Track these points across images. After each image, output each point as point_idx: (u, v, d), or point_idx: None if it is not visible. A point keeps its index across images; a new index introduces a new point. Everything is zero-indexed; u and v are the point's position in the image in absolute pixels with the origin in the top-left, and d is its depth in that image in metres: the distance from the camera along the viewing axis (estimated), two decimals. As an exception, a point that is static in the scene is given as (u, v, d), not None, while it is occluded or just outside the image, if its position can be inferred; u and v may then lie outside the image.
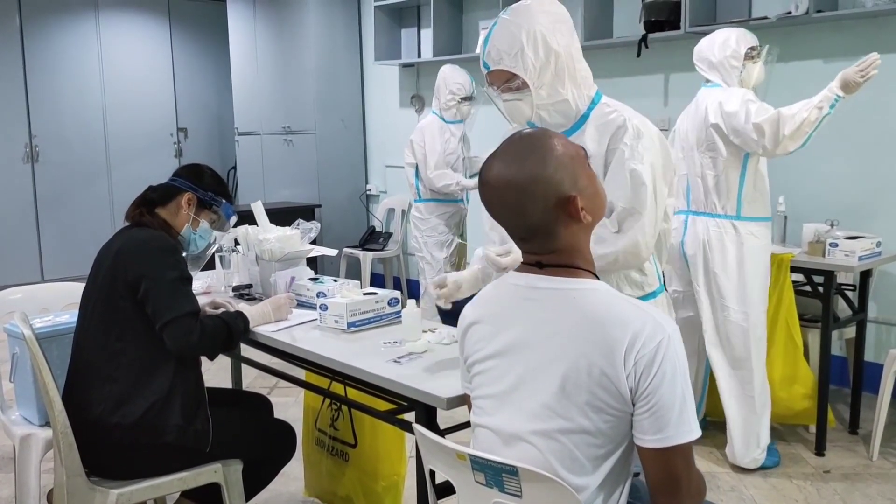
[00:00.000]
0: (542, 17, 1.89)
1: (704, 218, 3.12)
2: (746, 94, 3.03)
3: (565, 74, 1.92)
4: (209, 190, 2.43)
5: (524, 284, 1.44)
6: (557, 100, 1.93)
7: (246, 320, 2.33)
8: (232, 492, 2.26)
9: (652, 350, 1.30)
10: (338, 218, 6.47)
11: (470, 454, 1.38)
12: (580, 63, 1.97)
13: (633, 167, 1.88)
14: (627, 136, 1.90)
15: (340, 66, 6.43)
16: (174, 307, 2.13)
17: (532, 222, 1.39)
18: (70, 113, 6.98)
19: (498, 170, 1.42)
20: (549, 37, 1.88)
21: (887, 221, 3.72)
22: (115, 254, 2.22)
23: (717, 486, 3.03)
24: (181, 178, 2.42)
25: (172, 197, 2.38)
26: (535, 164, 1.39)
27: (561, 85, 1.91)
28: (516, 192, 1.39)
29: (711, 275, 3.10)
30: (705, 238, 3.11)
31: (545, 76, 1.89)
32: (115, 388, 2.13)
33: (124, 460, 2.15)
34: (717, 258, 3.09)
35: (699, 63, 3.16)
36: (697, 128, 3.10)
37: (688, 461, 1.35)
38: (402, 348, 2.13)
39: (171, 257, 2.22)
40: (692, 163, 3.13)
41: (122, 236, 2.29)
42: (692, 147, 3.13)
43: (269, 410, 2.62)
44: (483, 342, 1.48)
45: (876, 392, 3.22)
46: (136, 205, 2.37)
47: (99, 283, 2.23)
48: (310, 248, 2.83)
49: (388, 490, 2.62)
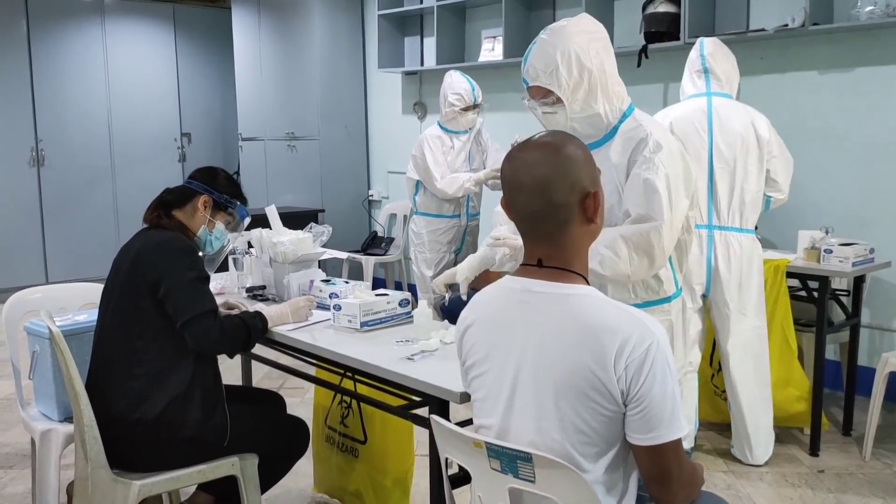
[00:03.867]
0: (577, 38, 2.05)
1: (736, 234, 3.13)
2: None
3: (598, 90, 2.06)
4: (224, 192, 2.50)
5: (520, 288, 1.51)
6: (590, 113, 2.09)
7: (264, 320, 2.40)
8: (248, 485, 2.33)
9: (641, 354, 1.36)
10: (340, 223, 6.51)
11: (487, 441, 1.46)
12: (613, 78, 2.11)
13: (647, 177, 2.04)
14: (647, 149, 2.05)
15: (344, 73, 6.52)
16: (194, 306, 2.20)
17: (555, 200, 1.44)
18: (75, 117, 7.04)
19: (534, 147, 1.50)
20: (582, 56, 2.03)
21: (880, 229, 3.82)
22: (135, 255, 2.28)
23: (714, 485, 3.11)
24: (196, 181, 2.48)
25: (188, 199, 2.45)
26: (574, 149, 1.48)
27: (594, 100, 2.07)
28: (551, 167, 1.45)
29: (741, 289, 3.14)
30: (738, 254, 3.12)
31: (578, 93, 2.06)
32: (136, 385, 2.19)
33: (145, 455, 2.22)
34: (745, 273, 3.13)
35: (716, 64, 3.16)
36: (742, 142, 3.08)
37: (678, 454, 1.43)
38: (415, 346, 2.21)
39: (189, 257, 2.28)
40: (725, 175, 3.10)
41: (140, 238, 2.36)
42: (729, 160, 3.09)
43: (282, 407, 2.70)
44: (479, 345, 1.55)
45: (869, 395, 3.31)
46: (153, 207, 2.43)
47: (119, 284, 2.29)
48: (322, 251, 2.91)
49: (396, 485, 2.70)
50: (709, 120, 3.12)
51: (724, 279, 3.14)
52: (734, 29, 4.21)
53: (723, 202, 3.13)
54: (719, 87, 3.18)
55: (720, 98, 3.16)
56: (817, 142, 4.08)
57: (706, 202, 3.15)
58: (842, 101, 3.98)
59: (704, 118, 3.13)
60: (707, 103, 3.15)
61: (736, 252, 3.12)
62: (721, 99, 3.16)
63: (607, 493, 1.46)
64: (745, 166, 3.09)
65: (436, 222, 4.36)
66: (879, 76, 3.87)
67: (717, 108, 3.13)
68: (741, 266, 3.13)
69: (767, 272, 3.30)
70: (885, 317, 3.98)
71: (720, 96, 3.16)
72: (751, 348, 3.19)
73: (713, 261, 3.14)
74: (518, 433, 1.48)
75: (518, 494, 1.47)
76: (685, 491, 1.49)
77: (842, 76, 3.98)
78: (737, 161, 3.09)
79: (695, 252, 3.12)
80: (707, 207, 3.15)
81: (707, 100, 3.17)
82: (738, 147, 3.08)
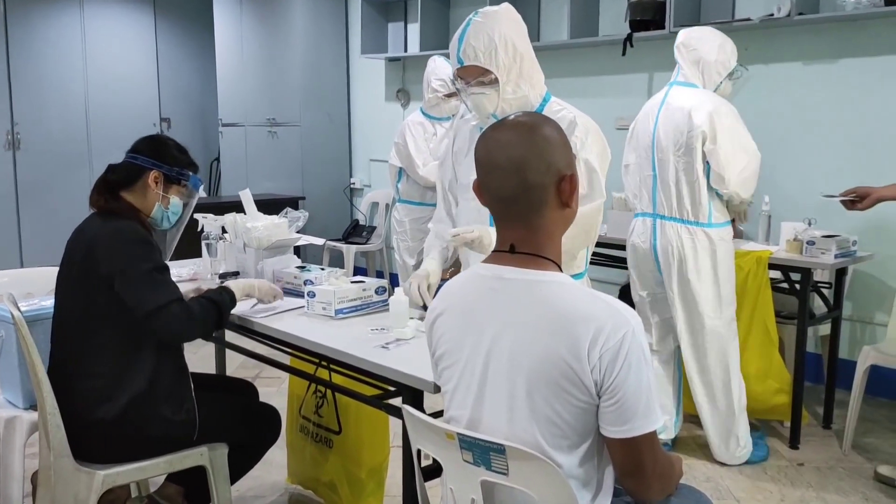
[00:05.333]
0: (510, 23, 2.16)
1: (676, 224, 3.10)
2: (730, 112, 3.02)
3: (526, 74, 2.17)
4: (175, 165, 2.31)
5: (490, 275, 1.45)
6: (519, 95, 2.17)
7: (231, 293, 2.31)
8: (218, 475, 2.27)
9: (616, 343, 1.31)
10: (321, 211, 6.46)
11: (458, 433, 1.41)
12: (536, 66, 2.22)
13: (587, 157, 2.14)
14: (579, 130, 2.15)
15: (326, 58, 6.44)
16: (156, 298, 2.09)
17: (529, 181, 1.39)
18: (52, 101, 6.91)
19: (509, 126, 1.45)
20: (516, 40, 2.14)
21: (863, 221, 3.80)
22: (88, 247, 2.16)
23: (694, 477, 3.08)
24: (143, 156, 2.27)
25: (137, 177, 2.25)
26: (550, 130, 1.44)
27: (524, 83, 2.17)
28: (526, 147, 1.40)
29: (685, 281, 3.09)
30: (678, 244, 3.09)
31: (512, 74, 2.14)
32: (97, 384, 2.11)
33: (110, 451, 2.15)
34: (691, 265, 3.08)
35: (685, 54, 3.12)
36: (675, 131, 3.04)
37: (653, 447, 1.39)
38: (390, 335, 2.16)
39: (143, 248, 2.15)
40: (665, 166, 3.09)
41: (92, 226, 2.22)
42: (666, 149, 3.08)
43: (254, 395, 2.64)
44: (449, 334, 1.50)
45: (849, 388, 3.29)
46: (98, 191, 2.25)
47: (74, 276, 2.19)
48: (297, 237, 2.85)
49: (371, 476, 2.65)
50: (658, 110, 3.13)
51: (665, 269, 3.14)
52: (720, 18, 4.18)
53: (662, 192, 3.12)
54: (683, 77, 3.14)
55: (679, 87, 3.13)
56: (802, 133, 4.06)
57: (650, 191, 3.17)
58: (827, 92, 3.95)
59: (656, 109, 3.15)
60: (665, 93, 3.16)
61: (675, 243, 3.09)
62: (679, 88, 3.12)
63: (582, 487, 1.41)
64: (678, 156, 3.05)
65: (418, 210, 4.29)
66: (865, 67, 3.85)
67: (669, 98, 3.12)
68: (681, 257, 3.08)
69: (749, 263, 3.28)
70: (866, 309, 3.97)
71: (682, 86, 3.12)
72: (701, 345, 3.14)
73: (656, 249, 3.15)
74: (489, 425, 1.43)
75: (490, 487, 1.42)
76: (660, 484, 1.45)
77: (827, 67, 3.96)
78: (672, 150, 3.06)
79: (641, 241, 3.21)
80: (651, 196, 3.16)
81: (667, 90, 3.17)
82: (673, 136, 3.05)
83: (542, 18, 5.16)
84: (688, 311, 3.13)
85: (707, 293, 3.09)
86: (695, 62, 3.10)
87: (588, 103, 4.91)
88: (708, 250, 3.08)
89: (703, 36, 3.13)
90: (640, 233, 3.23)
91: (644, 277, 3.27)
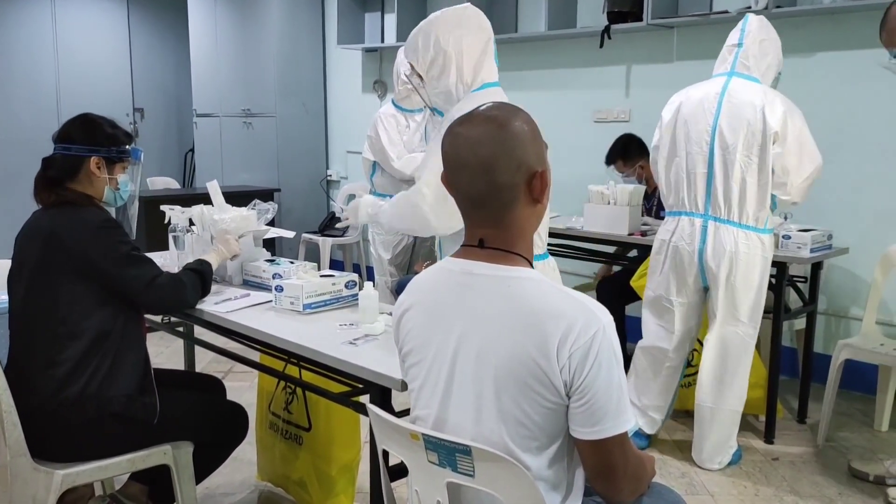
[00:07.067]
0: (441, 24, 2.26)
1: (733, 228, 2.89)
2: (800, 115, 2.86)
3: (451, 69, 2.25)
4: (112, 144, 2.24)
5: (459, 270, 1.41)
6: (441, 90, 2.29)
7: (207, 262, 2.42)
8: (182, 474, 2.22)
9: (587, 342, 1.27)
10: (297, 203, 6.40)
11: (423, 433, 1.36)
12: (471, 61, 2.27)
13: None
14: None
15: (302, 48, 6.35)
16: (142, 274, 2.15)
17: (499, 181, 1.34)
18: (23, 91, 6.78)
19: (478, 122, 1.37)
20: (441, 38, 2.23)
21: (838, 216, 3.80)
22: (49, 238, 2.10)
23: (668, 473, 3.06)
24: (78, 144, 2.20)
25: (78, 168, 2.19)
26: (520, 125, 1.37)
27: (446, 77, 2.26)
28: (495, 145, 1.34)
29: (732, 289, 2.91)
30: (733, 250, 2.88)
31: (433, 70, 2.27)
32: (58, 372, 2.06)
33: (70, 441, 2.09)
34: (741, 272, 2.89)
35: (757, 45, 2.89)
36: (748, 129, 2.81)
37: (624, 448, 1.35)
38: (359, 330, 2.11)
39: (115, 232, 2.16)
40: (728, 165, 2.84)
41: (47, 220, 2.15)
42: (732, 148, 2.83)
43: (221, 392, 2.58)
44: (416, 330, 1.45)
45: (824, 382, 3.29)
46: (44, 189, 2.20)
47: (30, 269, 2.13)
48: (266, 229, 2.79)
49: (342, 473, 2.60)
50: (719, 101, 2.88)
51: (711, 274, 2.95)
52: (697, 11, 4.15)
53: (719, 192, 2.88)
54: (745, 69, 2.91)
55: (741, 80, 2.89)
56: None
57: (704, 189, 2.93)
58: (803, 86, 3.93)
59: (715, 99, 2.89)
60: (724, 84, 2.91)
61: (727, 248, 2.89)
62: (741, 81, 2.89)
63: (552, 489, 1.37)
64: (747, 155, 2.83)
65: None
66: (842, 61, 3.84)
67: (731, 90, 2.87)
68: (731, 263, 2.89)
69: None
70: (841, 304, 3.98)
71: (743, 78, 2.90)
72: (728, 353, 2.99)
73: (704, 253, 2.94)
74: (456, 425, 1.39)
75: (457, 489, 1.38)
76: (631, 485, 1.41)
77: (804, 61, 3.94)
78: (738, 148, 2.82)
79: (686, 243, 2.98)
80: (705, 195, 2.92)
81: (725, 80, 2.92)
82: (742, 133, 2.82)
83: (520, 10, 5.11)
84: (724, 318, 2.97)
85: (749, 301, 2.94)
86: (764, 55, 2.90)
87: (565, 95, 4.90)
88: (760, 257, 2.92)
89: (771, 29, 2.94)
90: (687, 234, 2.97)
91: (684, 283, 3.02)
